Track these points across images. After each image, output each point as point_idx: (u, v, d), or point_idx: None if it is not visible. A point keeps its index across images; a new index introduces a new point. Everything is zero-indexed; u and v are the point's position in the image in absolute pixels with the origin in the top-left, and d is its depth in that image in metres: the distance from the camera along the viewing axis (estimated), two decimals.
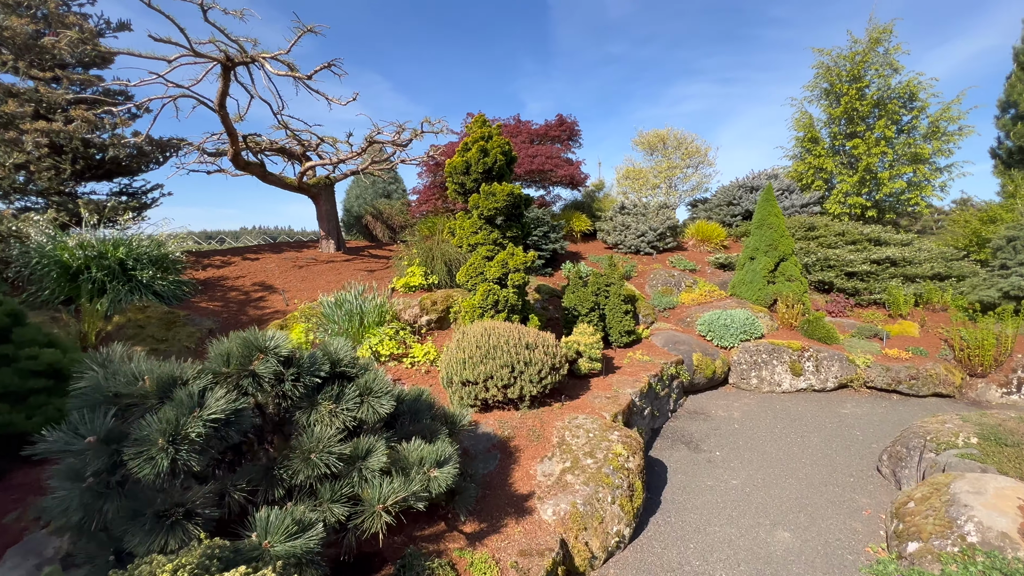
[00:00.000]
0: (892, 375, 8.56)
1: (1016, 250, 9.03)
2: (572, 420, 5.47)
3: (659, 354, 8.40)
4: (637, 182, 17.12)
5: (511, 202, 7.25)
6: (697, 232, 14.33)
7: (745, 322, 9.29)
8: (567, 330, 8.59)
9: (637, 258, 13.35)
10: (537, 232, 11.58)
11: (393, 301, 8.98)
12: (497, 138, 7.32)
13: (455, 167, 7.36)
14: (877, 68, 14.76)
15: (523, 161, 13.27)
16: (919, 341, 9.44)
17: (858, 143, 14.77)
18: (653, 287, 11.69)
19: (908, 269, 10.96)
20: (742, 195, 15.24)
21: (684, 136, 16.91)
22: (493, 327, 6.07)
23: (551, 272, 11.90)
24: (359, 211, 14.41)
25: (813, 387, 8.85)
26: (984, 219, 11.97)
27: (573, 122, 15.19)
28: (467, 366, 5.62)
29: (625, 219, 13.94)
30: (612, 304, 8.74)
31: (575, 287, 8.66)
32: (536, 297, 10.43)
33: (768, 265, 10.72)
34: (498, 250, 7.52)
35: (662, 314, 10.75)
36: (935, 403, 8.30)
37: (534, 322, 7.46)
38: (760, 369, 8.88)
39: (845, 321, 10.30)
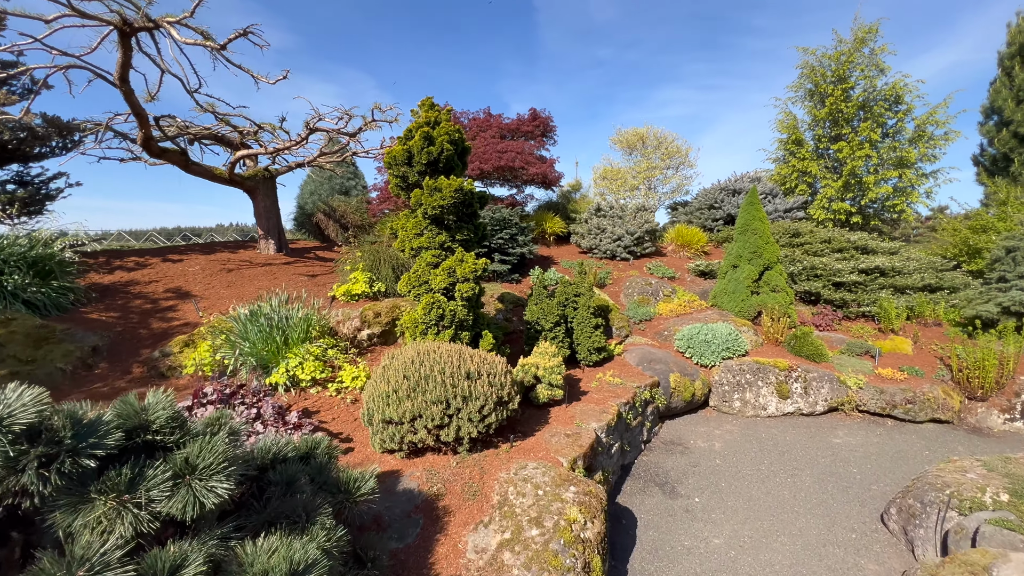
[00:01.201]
0: (886, 398, 7.75)
1: (1016, 262, 8.34)
2: (520, 470, 4.41)
3: (633, 375, 7.42)
4: (615, 183, 16.22)
5: (460, 199, 6.17)
6: (677, 237, 13.47)
7: (727, 338, 8.39)
8: (528, 347, 7.55)
9: (613, 264, 12.40)
10: (503, 235, 10.52)
11: (331, 312, 7.80)
12: (446, 124, 6.23)
13: (395, 157, 6.24)
14: (863, 69, 14.16)
15: (490, 157, 12.20)
16: (913, 359, 8.68)
17: (843, 146, 14.14)
18: (629, 296, 10.74)
19: (897, 280, 10.25)
20: (724, 198, 14.46)
21: (664, 135, 16.09)
22: (429, 351, 4.97)
23: (518, 278, 10.86)
24: (312, 208, 13.13)
25: (801, 411, 7.98)
26: (974, 228, 11.39)
27: (547, 118, 14.20)
28: (391, 401, 4.51)
29: (601, 221, 12.99)
30: (581, 317, 7.72)
31: (538, 298, 7.62)
32: (499, 307, 9.37)
33: (752, 274, 9.87)
34: (445, 255, 6.42)
35: (638, 327, 9.79)
36: (933, 430, 7.50)
37: (488, 340, 6.39)
38: (744, 391, 7.97)
39: (833, 336, 9.50)
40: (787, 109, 15.83)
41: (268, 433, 4.25)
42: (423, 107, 6.53)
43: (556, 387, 5.96)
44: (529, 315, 7.58)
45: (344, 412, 5.52)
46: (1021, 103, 13.97)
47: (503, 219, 10.69)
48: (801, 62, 15.37)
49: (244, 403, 4.61)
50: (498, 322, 9.08)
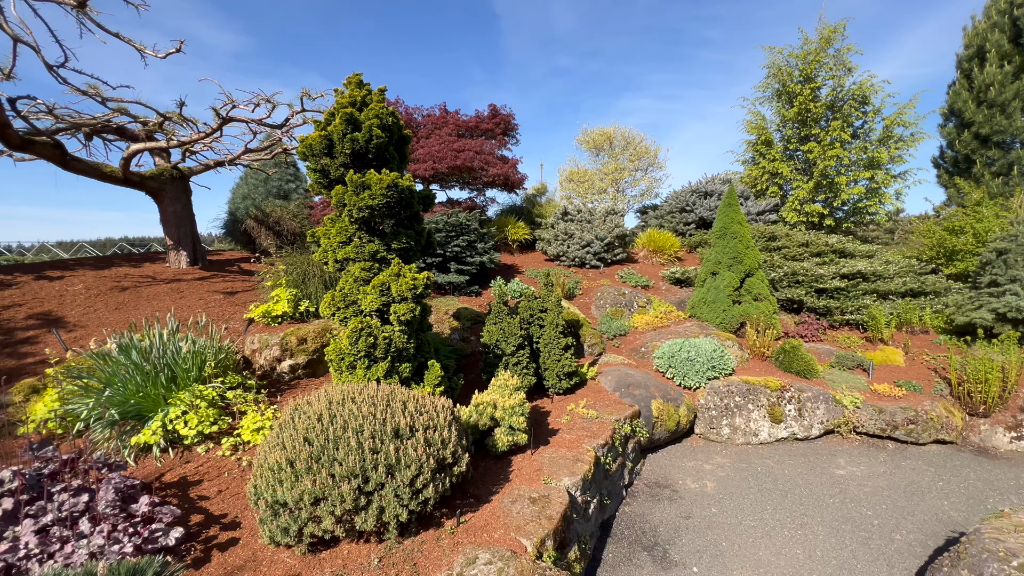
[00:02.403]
0: (886, 419, 6.98)
1: (1008, 264, 7.81)
2: (469, 567, 3.20)
3: (609, 403, 6.34)
4: (582, 185, 15.30)
5: (395, 198, 4.94)
6: (649, 242, 12.63)
7: (712, 355, 7.46)
8: (487, 374, 6.35)
9: (582, 272, 11.40)
10: (459, 242, 9.31)
11: (245, 339, 6.38)
12: (376, 106, 4.99)
13: (311, 146, 4.95)
14: (830, 68, 13.80)
15: (446, 156, 10.99)
16: (906, 372, 8.00)
17: (813, 146, 13.71)
18: (601, 308, 9.72)
19: (879, 285, 9.67)
20: (695, 201, 13.75)
21: (632, 135, 15.32)
22: (347, 398, 3.71)
23: (478, 291, 9.66)
24: (244, 215, 11.53)
25: (796, 435, 7.11)
26: (950, 229, 11.03)
27: (508, 115, 13.13)
28: (284, 477, 3.22)
29: (568, 226, 11.98)
30: (548, 337, 6.60)
31: (498, 316, 6.45)
32: (455, 325, 8.13)
33: (733, 282, 9.04)
34: (379, 268, 5.16)
35: (612, 343, 8.77)
36: (938, 453, 6.77)
37: (434, 372, 5.15)
38: (733, 416, 7.04)
39: (820, 347, 8.76)
40: (755, 109, 15.37)
41: (90, 541, 2.87)
42: (349, 85, 5.28)
43: (519, 430, 4.79)
44: (487, 337, 6.39)
45: (238, 480, 4.16)
46: (982, 104, 13.96)
47: (460, 224, 9.49)
48: (768, 61, 14.95)
49: (68, 489, 3.21)
50: (453, 343, 7.85)
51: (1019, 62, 13.13)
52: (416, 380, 5.31)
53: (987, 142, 14.01)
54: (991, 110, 13.62)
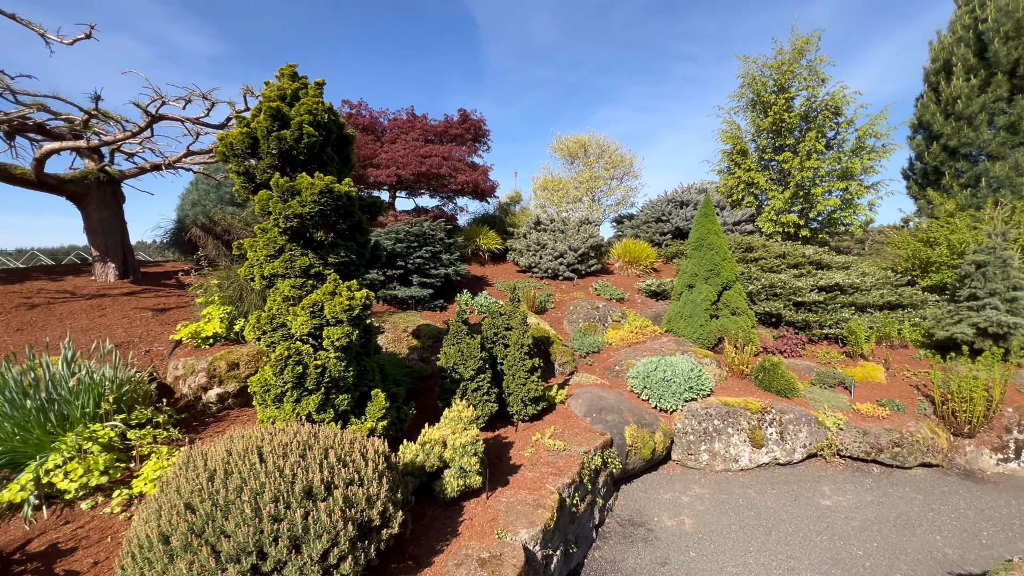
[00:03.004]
0: (870, 441, 6.60)
1: (987, 277, 7.60)
2: None
3: (579, 431, 5.78)
4: (556, 194, 14.86)
5: (331, 206, 4.32)
6: (624, 252, 12.22)
7: (689, 374, 6.99)
8: (444, 402, 5.72)
9: (555, 284, 10.88)
10: (422, 253, 8.69)
11: (168, 365, 5.63)
12: (309, 100, 4.37)
13: (232, 145, 4.29)
14: (803, 79, 13.74)
15: (410, 162, 10.38)
16: (888, 389, 7.68)
17: (788, 156, 13.59)
18: (573, 323, 9.20)
19: (857, 297, 9.42)
20: (671, 211, 13.45)
21: (607, 143, 14.98)
22: (251, 448, 3.05)
23: (443, 305, 9.03)
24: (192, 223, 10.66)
25: (778, 460, 6.67)
26: (923, 240, 10.93)
27: (479, 120, 12.62)
28: (155, 557, 2.53)
29: (541, 236, 11.47)
30: (512, 359, 6.02)
31: (457, 336, 5.84)
32: (414, 345, 7.48)
33: (710, 295, 8.63)
34: (313, 286, 4.51)
35: (584, 360, 8.24)
36: (924, 477, 6.41)
37: (378, 404, 4.51)
38: (712, 441, 6.56)
39: (800, 363, 8.40)
40: (730, 119, 15.23)
41: None
42: (281, 77, 4.65)
43: (472, 471, 4.17)
44: (444, 360, 5.77)
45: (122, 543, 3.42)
46: (949, 117, 14.10)
47: (423, 234, 8.87)
48: (742, 71, 14.84)
49: None
50: (412, 364, 7.20)
51: (984, 76, 13.29)
52: (357, 413, 4.65)
53: (955, 154, 14.13)
54: (959, 123, 13.74)
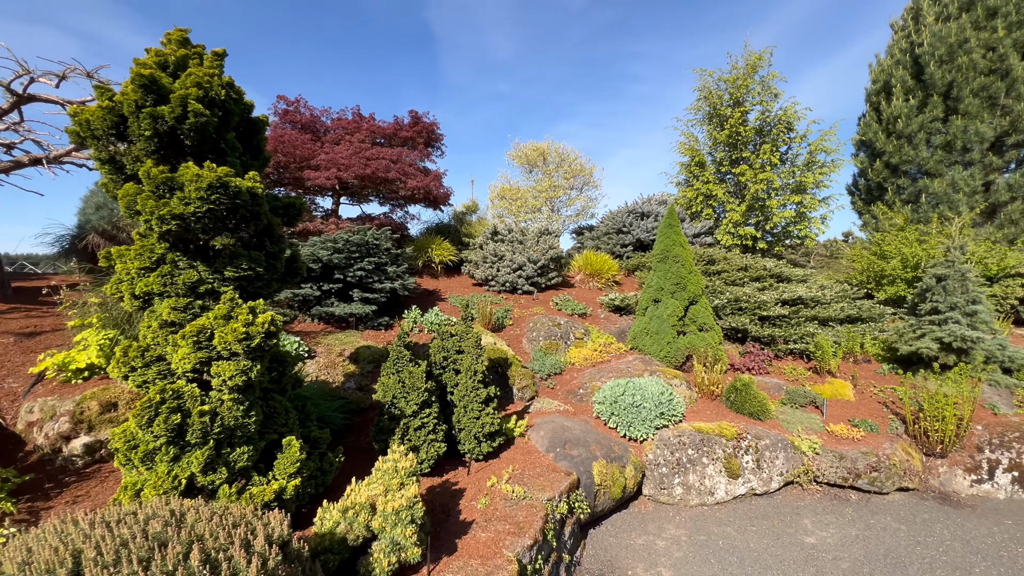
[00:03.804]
0: (847, 466, 6.21)
1: (947, 291, 7.52)
2: None
3: (540, 470, 5.01)
4: (515, 203, 14.23)
5: (228, 205, 3.37)
6: (585, 264, 11.68)
7: (660, 398, 6.39)
8: (380, 444, 4.79)
9: (513, 298, 10.14)
10: (364, 264, 7.72)
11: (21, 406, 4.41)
12: (200, 71, 3.43)
13: (89, 123, 3.28)
14: (757, 93, 13.89)
15: (353, 164, 9.41)
16: (858, 407, 7.41)
17: (744, 169, 13.61)
18: (533, 341, 8.46)
19: (819, 311, 9.26)
20: (632, 222, 13.10)
21: (567, 151, 14.56)
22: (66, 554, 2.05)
23: (388, 323, 8.07)
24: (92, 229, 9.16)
25: (754, 491, 6.15)
26: (878, 254, 11.06)
27: (432, 123, 11.82)
28: None
29: (498, 247, 10.74)
30: (464, 388, 5.18)
31: (397, 363, 4.94)
32: (351, 371, 6.49)
33: (677, 310, 8.15)
34: (202, 307, 3.51)
35: (546, 383, 7.51)
36: (903, 503, 6.06)
37: (291, 456, 3.56)
38: (686, 472, 5.95)
39: (768, 380, 8.04)
40: (688, 131, 15.22)
41: None
42: (168, 43, 3.67)
43: (408, 546, 3.27)
44: (381, 393, 4.85)
45: None
46: (891, 135, 14.67)
47: (365, 243, 7.91)
48: (699, 84, 14.89)
49: None
50: (348, 394, 6.20)
51: (922, 97, 13.89)
52: (263, 468, 3.66)
53: (897, 171, 14.67)
54: (900, 141, 14.28)
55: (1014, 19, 12.38)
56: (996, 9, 12.67)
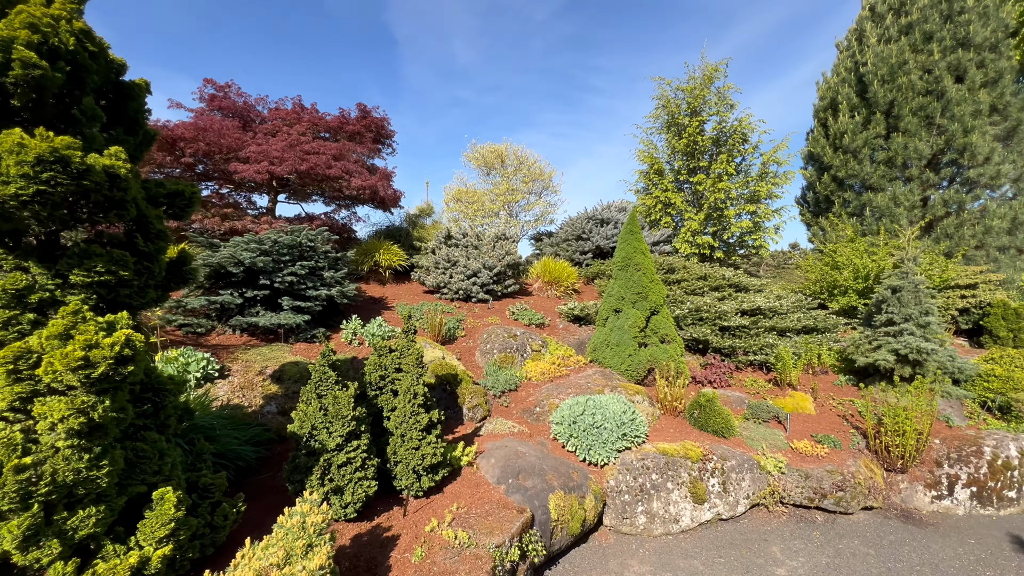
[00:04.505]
0: (813, 485, 5.93)
1: (902, 302, 7.50)
2: None
3: (490, 508, 4.36)
4: (471, 207, 13.59)
5: (72, 188, 2.54)
6: (544, 272, 11.18)
7: (622, 417, 5.89)
8: (295, 486, 3.98)
9: (466, 307, 9.47)
10: (296, 268, 6.83)
11: None
12: (37, 8, 2.58)
13: None
14: (713, 104, 13.97)
15: (288, 157, 8.47)
16: (819, 421, 7.22)
17: (701, 178, 13.62)
18: (487, 354, 7.82)
19: (778, 322, 9.15)
20: (592, 228, 12.76)
21: (525, 154, 14.10)
22: None
23: (325, 334, 7.20)
24: None
25: (721, 516, 5.74)
26: (830, 264, 11.21)
27: (382, 119, 11.02)
28: None
29: (452, 252, 10.04)
30: (402, 413, 4.46)
31: (320, 386, 4.16)
32: (272, 392, 5.61)
33: (638, 321, 7.75)
34: (32, 322, 2.64)
35: (499, 401, 6.87)
36: (868, 524, 5.83)
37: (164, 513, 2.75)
38: (650, 500, 5.46)
39: (730, 394, 7.77)
40: (647, 139, 15.15)
41: None
42: None
43: None
44: (298, 424, 4.05)
45: None
46: (838, 150, 15.16)
47: (297, 245, 7.02)
48: (658, 92, 14.88)
49: None
50: (266, 420, 5.32)
51: (866, 114, 14.42)
52: (124, 532, 2.81)
53: (843, 184, 15.15)
54: (846, 155, 14.76)
55: (948, 43, 13.03)
56: (932, 33, 13.32)
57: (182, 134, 7.76)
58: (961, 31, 12.97)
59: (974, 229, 12.91)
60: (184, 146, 7.83)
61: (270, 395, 5.51)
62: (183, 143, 7.80)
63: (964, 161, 13.04)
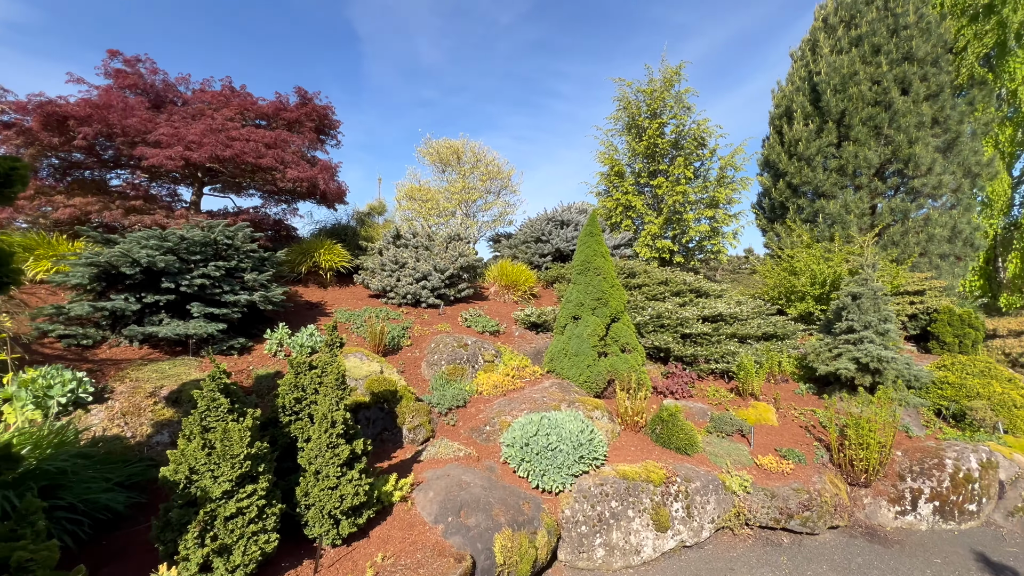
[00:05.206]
0: (779, 505, 5.57)
1: (861, 309, 7.36)
2: None
3: (424, 556, 3.66)
4: (425, 205, 12.79)
5: None
6: (501, 275, 10.56)
7: (579, 437, 5.32)
8: (164, 550, 3.14)
9: (416, 313, 8.70)
10: (208, 269, 5.89)
11: None
12: None
13: None
14: (672, 107, 13.84)
15: (208, 143, 7.43)
16: (781, 433, 6.94)
17: (661, 181, 13.42)
18: (434, 366, 7.09)
19: (739, 328, 8.91)
20: (552, 230, 12.26)
21: (483, 151, 13.45)
22: None
23: (246, 345, 6.28)
24: None
25: (685, 543, 5.28)
26: (788, 269, 11.18)
27: (326, 107, 10.09)
28: None
29: (400, 253, 9.26)
30: (316, 445, 3.70)
31: (207, 417, 3.33)
32: (166, 417, 4.70)
33: (598, 329, 7.25)
34: None
35: (445, 419, 6.17)
36: (835, 544, 5.51)
37: None
38: (609, 530, 4.91)
39: (693, 405, 7.39)
40: (607, 140, 14.86)
41: None
42: None
43: None
44: (172, 468, 3.22)
45: None
46: (792, 157, 15.39)
47: (211, 242, 6.07)
48: (618, 94, 14.62)
49: None
50: (155, 454, 4.40)
51: (819, 122, 14.68)
52: None
53: (797, 191, 15.37)
54: (800, 163, 14.96)
55: (894, 56, 13.41)
56: (879, 46, 13.69)
57: (74, 112, 6.62)
58: (905, 45, 13.40)
59: (918, 237, 13.31)
60: (76, 126, 6.68)
61: (163, 422, 4.59)
62: (75, 122, 6.66)
63: (909, 171, 13.43)
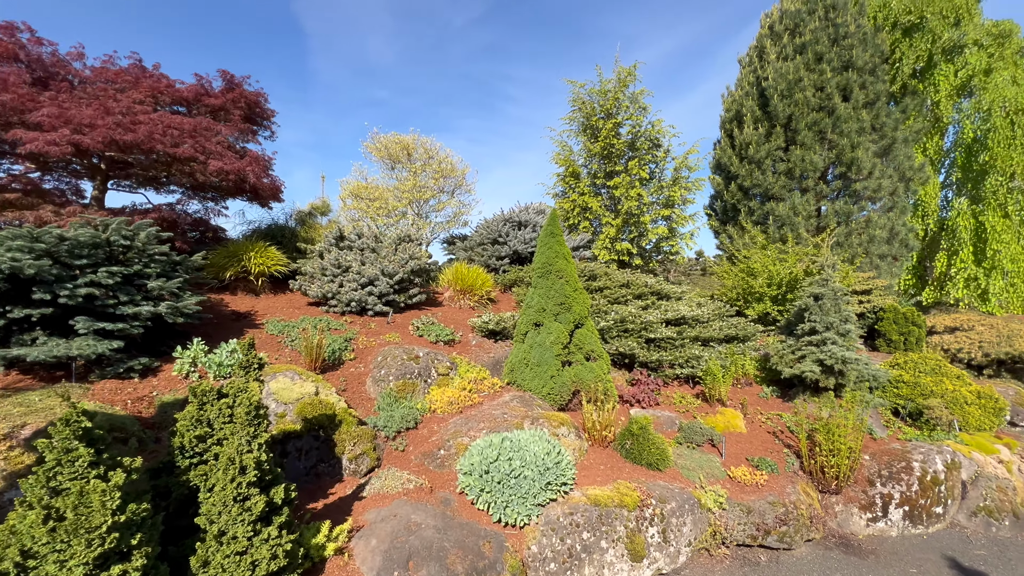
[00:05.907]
0: (755, 521, 5.25)
1: (823, 310, 7.28)
2: None
3: None
4: (372, 204, 11.86)
5: None
6: (456, 279, 9.87)
7: (546, 461, 4.75)
8: None
9: (361, 322, 7.86)
10: (97, 277, 4.85)
11: None
12: None
13: None
14: (627, 107, 13.68)
15: (102, 125, 6.28)
16: (751, 440, 6.69)
17: (617, 182, 13.19)
18: (381, 382, 6.31)
19: (701, 331, 8.70)
20: (509, 231, 11.71)
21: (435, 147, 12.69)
22: None
23: (149, 366, 5.26)
24: None
25: (662, 571, 4.83)
26: (745, 270, 11.19)
27: (257, 93, 9.05)
28: None
29: (343, 256, 8.38)
30: (220, 498, 2.90)
31: (57, 475, 2.48)
32: (27, 465, 3.70)
33: (562, 336, 6.73)
34: None
35: (393, 444, 5.43)
36: (812, 559, 5.25)
37: None
38: (581, 565, 4.36)
39: (660, 414, 7.02)
40: (562, 140, 14.51)
41: None
42: None
43: None
44: None
45: None
46: (743, 160, 15.68)
47: (104, 243, 5.03)
48: (572, 95, 14.30)
49: None
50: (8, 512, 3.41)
51: (768, 127, 15.01)
52: None
53: (748, 194, 15.66)
54: (751, 166, 15.25)
55: (836, 64, 13.90)
56: (822, 54, 14.15)
57: None
58: (846, 54, 13.91)
59: (860, 238, 13.83)
60: None
61: (22, 471, 3.59)
62: None
63: (851, 175, 13.94)
